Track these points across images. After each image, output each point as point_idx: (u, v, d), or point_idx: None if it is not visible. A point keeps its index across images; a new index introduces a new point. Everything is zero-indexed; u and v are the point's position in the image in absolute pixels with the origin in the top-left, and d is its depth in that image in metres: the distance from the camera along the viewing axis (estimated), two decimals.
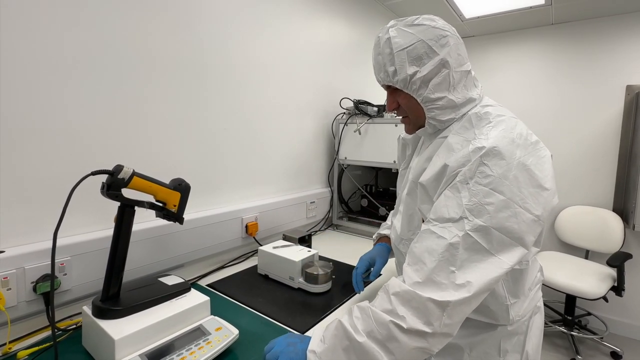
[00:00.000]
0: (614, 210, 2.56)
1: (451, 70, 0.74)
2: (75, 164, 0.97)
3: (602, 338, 2.45)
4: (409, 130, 0.88)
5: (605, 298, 2.23)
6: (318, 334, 0.70)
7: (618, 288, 2.24)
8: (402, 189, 0.95)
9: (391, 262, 1.13)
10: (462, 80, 0.77)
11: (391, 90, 0.82)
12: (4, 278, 0.81)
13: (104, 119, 1.03)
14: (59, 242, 0.71)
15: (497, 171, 0.63)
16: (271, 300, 1.09)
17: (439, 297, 0.60)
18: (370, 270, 1.11)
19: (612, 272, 2.34)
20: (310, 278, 1.14)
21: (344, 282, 1.24)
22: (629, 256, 2.31)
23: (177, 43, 1.21)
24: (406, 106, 0.80)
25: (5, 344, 0.80)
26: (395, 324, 0.60)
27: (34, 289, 0.85)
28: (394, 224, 0.98)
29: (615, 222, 2.49)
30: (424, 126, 0.82)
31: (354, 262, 1.42)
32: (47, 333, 0.87)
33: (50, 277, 0.86)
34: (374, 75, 0.84)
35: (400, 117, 0.87)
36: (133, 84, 1.09)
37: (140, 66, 1.11)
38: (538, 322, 0.90)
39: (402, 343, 0.60)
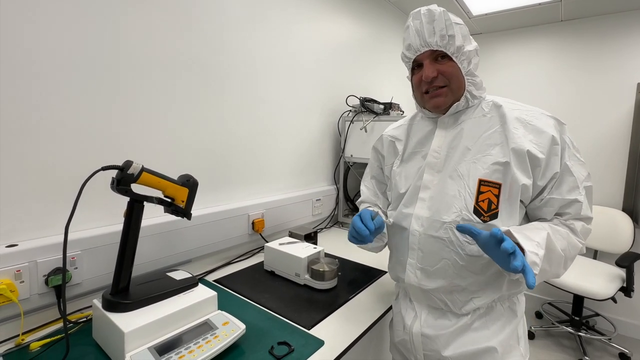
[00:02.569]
0: (623, 210, 2.52)
1: (479, 60, 0.86)
2: (85, 159, 0.98)
3: (610, 339, 2.42)
4: (443, 103, 0.86)
5: (613, 299, 2.20)
6: (524, 238, 0.72)
7: (627, 289, 2.21)
8: (416, 177, 0.91)
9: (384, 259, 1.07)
10: None
11: (432, 58, 0.83)
12: (17, 271, 0.83)
13: (113, 117, 1.05)
14: (70, 237, 0.72)
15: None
16: (277, 297, 1.10)
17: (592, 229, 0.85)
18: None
19: (621, 272, 2.31)
20: (316, 275, 1.14)
21: (350, 279, 1.24)
22: (638, 257, 2.27)
23: (185, 42, 1.22)
24: (450, 75, 0.83)
25: (18, 335, 0.82)
26: (581, 250, 0.83)
27: (46, 282, 0.87)
28: (416, 213, 0.87)
29: (624, 222, 2.45)
30: (458, 100, 0.85)
31: (359, 259, 1.43)
32: (59, 325, 0.89)
33: (61, 271, 0.88)
34: (412, 44, 0.84)
35: (430, 91, 0.85)
36: (141, 82, 1.11)
37: (148, 65, 1.12)
38: None
39: (572, 262, 0.82)
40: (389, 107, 1.84)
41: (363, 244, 0.90)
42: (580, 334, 2.39)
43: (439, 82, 0.84)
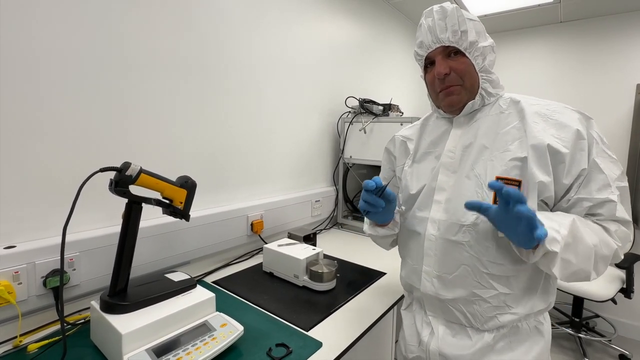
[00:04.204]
0: None
1: (495, 57, 0.84)
2: (84, 161, 0.98)
3: (610, 340, 2.42)
4: (457, 102, 0.82)
5: (613, 300, 2.20)
6: (543, 216, 0.66)
7: (627, 290, 2.21)
8: (431, 178, 0.87)
9: (395, 263, 1.05)
10: None
11: (445, 55, 0.80)
12: (15, 272, 0.83)
13: (111, 118, 1.05)
14: (68, 238, 0.72)
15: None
16: (276, 298, 1.10)
17: (632, 236, 0.77)
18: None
19: (621, 273, 2.31)
20: (315, 276, 1.14)
21: (349, 281, 1.24)
22: (638, 258, 2.27)
23: (183, 42, 1.22)
24: (464, 72, 0.80)
25: (16, 337, 0.82)
26: (617, 252, 0.74)
27: (44, 284, 0.87)
28: (432, 217, 0.83)
29: None
30: (473, 98, 0.83)
31: (358, 260, 1.42)
32: (57, 327, 0.89)
33: (59, 272, 0.88)
34: (423, 41, 0.82)
35: (444, 90, 0.82)
36: (140, 83, 1.11)
37: (147, 66, 1.12)
38: None
39: (606, 266, 0.73)
40: (388, 108, 1.84)
41: (375, 209, 0.80)
42: (580, 335, 2.38)
43: (451, 80, 0.81)
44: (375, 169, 2.20)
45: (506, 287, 0.76)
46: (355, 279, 1.27)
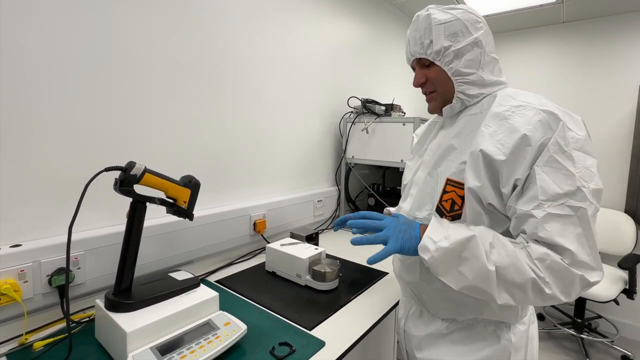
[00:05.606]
0: (626, 212, 2.52)
1: (483, 51, 0.79)
2: (88, 160, 0.99)
3: (612, 341, 2.41)
4: (434, 108, 0.87)
5: (616, 301, 2.20)
6: (438, 228, 0.70)
7: (629, 291, 2.21)
8: (414, 173, 0.92)
9: None
10: (491, 64, 0.82)
11: (421, 65, 0.84)
12: (20, 271, 0.84)
13: (117, 117, 1.05)
14: (73, 237, 0.73)
15: (581, 133, 0.67)
16: (278, 297, 1.10)
17: (591, 278, 0.61)
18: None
19: (624, 274, 2.30)
20: (317, 276, 1.15)
21: (351, 280, 1.24)
22: None
23: (185, 42, 1.22)
24: (436, 80, 0.82)
25: (21, 334, 0.82)
26: (536, 284, 0.62)
27: (49, 282, 0.88)
28: (402, 207, 0.93)
29: (627, 224, 2.44)
30: (450, 102, 0.83)
31: (360, 260, 1.43)
32: (62, 325, 0.89)
33: (65, 271, 0.88)
34: (405, 54, 0.87)
35: (426, 96, 0.88)
36: (142, 83, 1.11)
37: (150, 66, 1.13)
38: (535, 332, 0.88)
39: (527, 296, 0.63)
40: (390, 108, 1.84)
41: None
42: (582, 336, 2.38)
43: (427, 88, 0.85)
44: (377, 169, 2.20)
45: (446, 288, 0.74)
46: (357, 278, 1.27)
